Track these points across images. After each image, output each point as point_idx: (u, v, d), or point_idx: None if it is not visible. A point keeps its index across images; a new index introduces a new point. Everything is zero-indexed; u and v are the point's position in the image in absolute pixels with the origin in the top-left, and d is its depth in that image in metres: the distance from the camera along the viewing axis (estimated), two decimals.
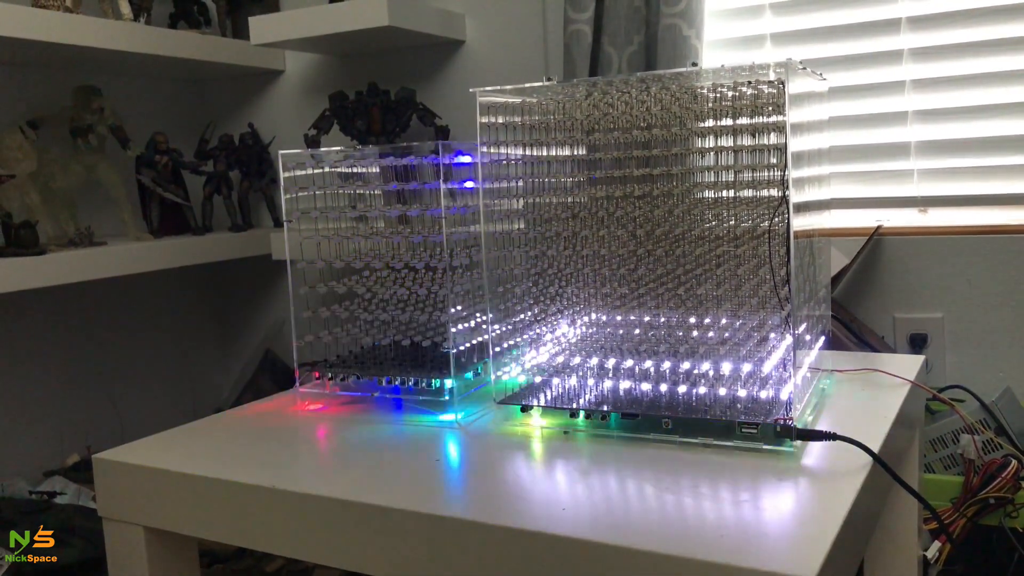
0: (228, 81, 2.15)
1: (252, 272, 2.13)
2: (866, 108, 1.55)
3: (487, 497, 0.80)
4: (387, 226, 1.13)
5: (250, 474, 0.87)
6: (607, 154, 0.99)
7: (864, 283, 1.50)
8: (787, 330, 0.88)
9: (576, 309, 1.06)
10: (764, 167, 0.91)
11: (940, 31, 1.49)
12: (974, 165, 1.49)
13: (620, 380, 0.96)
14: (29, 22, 1.50)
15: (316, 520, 0.81)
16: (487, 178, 0.99)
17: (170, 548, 0.96)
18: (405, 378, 1.07)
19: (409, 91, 1.78)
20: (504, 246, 1.02)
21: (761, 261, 0.91)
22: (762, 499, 0.75)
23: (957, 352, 1.45)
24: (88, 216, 1.78)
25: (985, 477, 1.22)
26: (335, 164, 1.11)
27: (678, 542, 0.67)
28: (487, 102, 0.98)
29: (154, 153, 1.85)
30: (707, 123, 0.95)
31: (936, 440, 1.31)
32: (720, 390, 0.91)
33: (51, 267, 1.53)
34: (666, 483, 0.79)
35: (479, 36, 1.83)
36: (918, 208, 1.53)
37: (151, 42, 1.74)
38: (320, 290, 1.11)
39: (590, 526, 0.71)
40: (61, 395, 1.88)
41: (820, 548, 0.65)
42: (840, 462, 0.82)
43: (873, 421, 0.93)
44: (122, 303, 2.01)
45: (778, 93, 0.88)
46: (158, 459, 0.94)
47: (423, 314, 1.11)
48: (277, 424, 1.06)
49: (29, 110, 1.73)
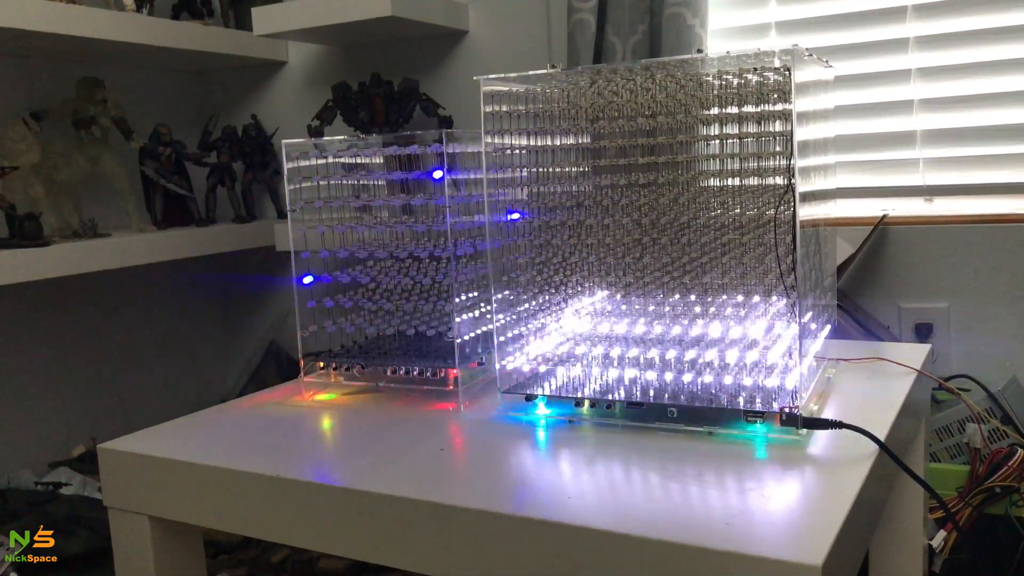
0: (231, 72, 2.14)
1: (256, 263, 2.13)
2: (871, 97, 1.54)
3: (492, 486, 0.80)
4: (391, 216, 1.13)
5: (255, 463, 0.87)
6: (612, 142, 0.99)
7: (869, 272, 1.50)
8: (793, 318, 0.88)
9: (581, 298, 1.05)
10: (770, 155, 0.90)
11: (946, 19, 1.48)
12: (980, 154, 1.48)
13: (625, 369, 0.96)
14: (32, 13, 1.50)
15: (321, 509, 0.81)
16: (491, 167, 0.98)
17: (175, 538, 0.96)
18: (410, 367, 1.07)
19: (412, 81, 1.77)
20: (508, 235, 1.01)
21: (767, 249, 0.91)
22: (768, 487, 0.75)
23: (962, 341, 1.45)
24: (92, 208, 1.78)
25: (991, 466, 1.22)
26: (339, 154, 1.11)
27: (684, 530, 0.67)
28: (491, 91, 0.97)
29: (157, 144, 1.85)
30: (712, 111, 0.94)
31: (942, 429, 1.31)
32: (726, 379, 0.91)
33: (55, 259, 1.53)
34: (671, 472, 0.79)
35: (482, 26, 1.82)
36: (924, 197, 1.52)
37: (154, 33, 1.74)
38: (324, 280, 1.11)
39: (596, 515, 0.71)
40: (66, 386, 1.88)
41: (827, 536, 0.64)
42: (846, 451, 0.82)
43: (879, 410, 0.93)
44: (126, 295, 2.01)
45: (784, 81, 0.88)
46: (163, 449, 0.94)
47: (427, 303, 1.12)
48: (282, 414, 1.07)
49: (32, 102, 1.73)
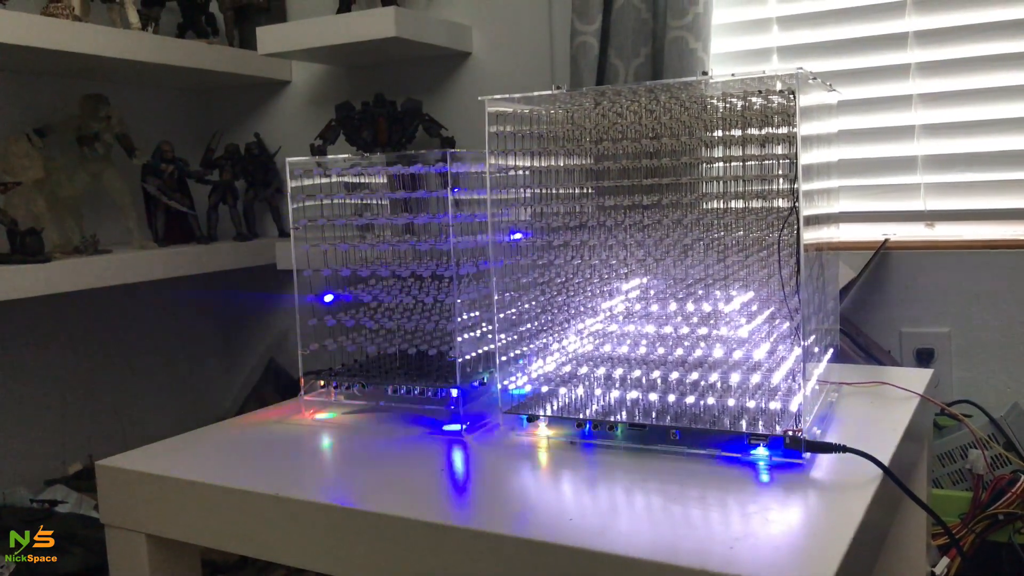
0: (235, 91, 2.15)
1: (256, 281, 2.12)
2: (873, 122, 1.54)
3: (493, 507, 0.80)
4: (393, 234, 1.13)
5: (254, 482, 0.86)
6: (615, 163, 0.99)
7: (871, 297, 1.50)
8: (796, 341, 0.88)
9: (583, 318, 1.05)
10: (774, 177, 0.91)
11: (947, 46, 1.49)
12: (981, 180, 1.48)
13: (627, 390, 0.96)
14: (38, 30, 1.51)
15: (320, 529, 0.81)
16: (495, 187, 0.98)
17: (172, 556, 0.95)
18: (411, 387, 1.06)
19: (415, 102, 1.78)
20: (511, 255, 1.01)
21: (770, 272, 0.91)
22: (771, 511, 0.74)
23: (964, 367, 1.45)
24: (93, 224, 1.78)
25: (994, 492, 1.21)
26: (342, 172, 1.11)
27: (686, 554, 0.66)
28: (495, 111, 0.97)
29: (160, 162, 1.85)
30: (716, 133, 0.95)
31: (944, 455, 1.30)
32: (729, 401, 0.90)
33: (56, 274, 1.53)
34: (674, 494, 0.79)
35: (485, 48, 1.83)
36: (925, 222, 1.52)
37: (159, 51, 1.75)
38: (326, 298, 1.11)
39: (597, 537, 0.70)
40: (63, 403, 1.87)
41: (831, 561, 0.64)
42: (849, 475, 0.81)
43: (882, 434, 0.92)
44: (126, 311, 2.01)
45: (788, 104, 0.88)
46: (161, 466, 0.93)
47: (429, 322, 1.11)
48: (282, 432, 1.06)
49: (36, 118, 1.74)
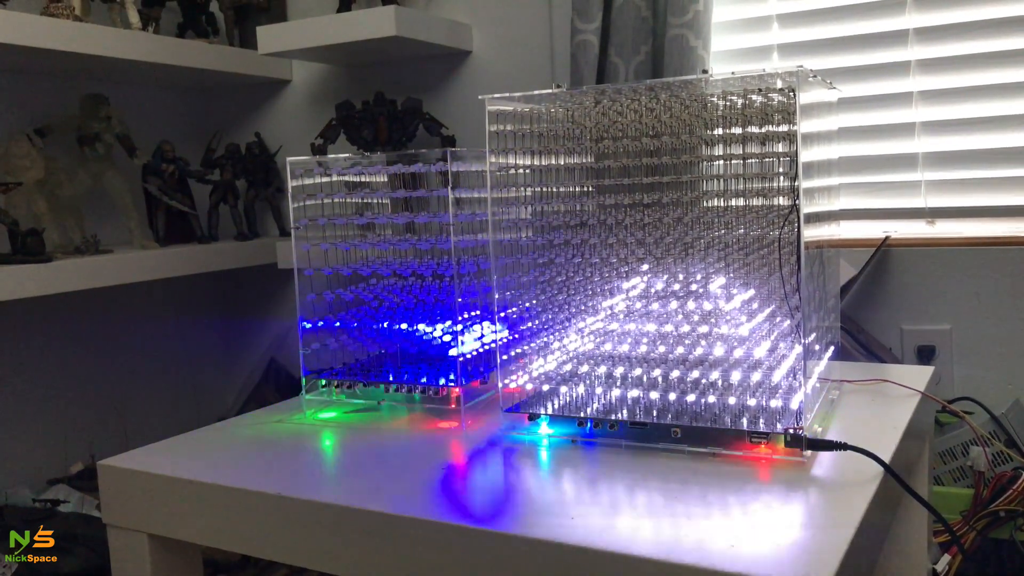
0: (235, 90, 2.15)
1: (257, 281, 2.13)
2: (873, 119, 1.54)
3: (494, 506, 0.80)
4: (394, 234, 1.13)
5: (255, 481, 0.86)
6: (616, 162, 0.99)
7: (872, 294, 1.50)
8: (797, 339, 0.88)
9: (584, 317, 1.05)
10: (774, 175, 0.91)
11: (948, 43, 1.49)
12: (982, 177, 1.48)
13: (629, 389, 0.96)
14: (38, 30, 1.51)
15: (321, 528, 0.81)
16: (495, 185, 0.98)
17: (174, 556, 0.95)
18: (412, 386, 1.07)
19: (416, 101, 1.78)
20: (512, 254, 1.01)
21: (771, 270, 0.91)
22: (772, 509, 0.74)
23: (965, 364, 1.45)
24: (94, 224, 1.78)
25: (995, 490, 1.21)
26: (343, 172, 1.11)
27: (688, 552, 0.66)
28: (496, 110, 0.97)
29: (160, 161, 1.85)
30: (717, 131, 0.95)
31: (945, 452, 1.30)
32: (730, 399, 0.90)
33: (57, 275, 1.53)
34: (675, 492, 0.79)
35: (486, 47, 1.83)
36: (926, 220, 1.52)
37: (159, 51, 1.75)
38: (327, 297, 1.11)
39: (599, 535, 0.70)
40: (65, 403, 1.87)
41: (832, 559, 0.64)
42: (850, 473, 0.81)
43: (883, 432, 0.92)
44: (127, 311, 2.01)
45: (789, 102, 0.88)
46: (163, 466, 0.93)
47: (430, 321, 1.11)
48: (283, 431, 1.06)
49: (36, 118, 1.74)
